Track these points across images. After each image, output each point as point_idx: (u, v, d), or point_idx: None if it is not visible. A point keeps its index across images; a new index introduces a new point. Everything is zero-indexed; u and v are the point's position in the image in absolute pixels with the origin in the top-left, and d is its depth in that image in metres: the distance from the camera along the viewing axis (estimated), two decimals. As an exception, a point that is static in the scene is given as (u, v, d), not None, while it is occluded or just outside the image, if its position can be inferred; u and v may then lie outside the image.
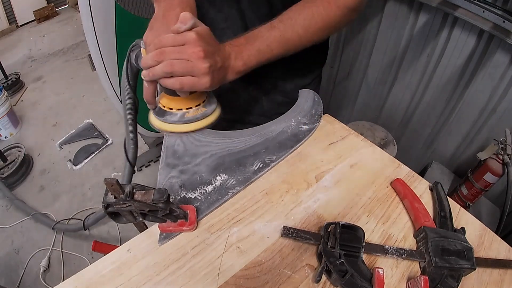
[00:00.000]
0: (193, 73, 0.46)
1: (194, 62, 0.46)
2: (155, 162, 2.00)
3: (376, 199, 0.58)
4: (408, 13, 1.45)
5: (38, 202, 1.82)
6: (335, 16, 0.57)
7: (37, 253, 1.59)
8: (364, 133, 1.61)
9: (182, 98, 0.53)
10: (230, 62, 0.52)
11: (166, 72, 0.46)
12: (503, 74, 1.25)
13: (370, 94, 1.87)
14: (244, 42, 0.54)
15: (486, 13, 1.16)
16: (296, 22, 0.56)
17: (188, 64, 0.45)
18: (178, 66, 0.45)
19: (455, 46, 1.35)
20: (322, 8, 0.56)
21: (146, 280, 0.46)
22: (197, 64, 0.46)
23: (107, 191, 0.41)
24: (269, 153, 0.63)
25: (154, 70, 0.46)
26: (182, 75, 0.46)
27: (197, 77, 0.47)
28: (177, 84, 0.47)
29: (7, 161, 1.93)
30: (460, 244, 0.49)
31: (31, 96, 2.60)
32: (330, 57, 1.96)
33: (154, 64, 0.46)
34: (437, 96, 1.53)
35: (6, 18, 3.30)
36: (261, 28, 0.56)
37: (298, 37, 0.57)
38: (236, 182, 0.58)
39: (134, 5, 1.29)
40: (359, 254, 0.47)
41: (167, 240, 0.50)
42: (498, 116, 1.33)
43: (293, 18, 0.56)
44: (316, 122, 0.70)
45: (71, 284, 0.46)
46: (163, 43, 0.46)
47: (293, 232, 0.51)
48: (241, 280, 0.47)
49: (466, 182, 1.38)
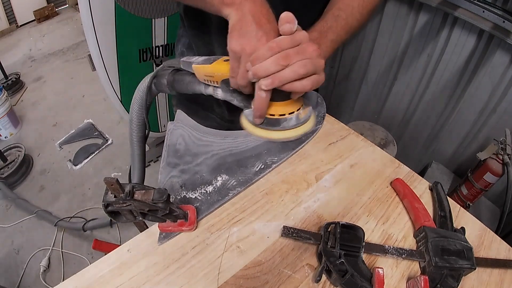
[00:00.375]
0: (317, 71, 0.46)
1: (316, 60, 0.45)
2: (155, 162, 2.00)
3: (376, 199, 0.58)
4: (408, 13, 1.45)
5: (38, 202, 1.82)
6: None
7: (37, 253, 1.59)
8: (364, 133, 1.61)
9: (290, 101, 0.50)
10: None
11: (300, 74, 0.44)
12: (503, 74, 1.25)
13: (370, 94, 1.87)
14: (318, 36, 0.56)
15: (486, 13, 1.16)
16: (353, 8, 0.59)
17: (313, 62, 0.45)
18: (309, 66, 0.44)
19: (455, 46, 1.35)
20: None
21: (146, 280, 0.46)
22: (319, 62, 0.45)
23: (107, 190, 0.41)
24: (271, 154, 0.63)
25: (281, 75, 0.43)
26: (311, 74, 0.45)
27: (319, 74, 0.46)
28: (310, 84, 0.45)
29: (7, 161, 1.93)
30: (460, 244, 0.49)
31: (31, 96, 2.60)
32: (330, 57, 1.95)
33: (279, 69, 0.43)
34: (437, 96, 1.53)
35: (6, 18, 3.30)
36: (327, 19, 0.58)
37: (357, 22, 0.60)
38: (237, 183, 0.58)
39: (134, 5, 1.29)
40: (359, 254, 0.47)
41: (167, 239, 0.50)
42: (498, 116, 1.33)
43: (349, 5, 0.59)
44: (319, 124, 0.70)
45: (71, 284, 0.46)
46: (283, 46, 0.43)
47: (293, 232, 0.51)
48: (241, 280, 0.47)
49: (466, 182, 1.38)
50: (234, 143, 0.64)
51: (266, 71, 0.43)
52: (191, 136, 0.64)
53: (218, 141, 0.64)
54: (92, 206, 1.80)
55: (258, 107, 0.48)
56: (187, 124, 0.65)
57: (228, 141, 0.64)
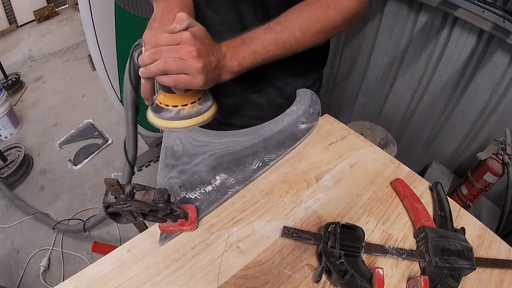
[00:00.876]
0: (186, 71, 0.48)
1: (188, 61, 0.47)
2: (155, 162, 2.00)
3: (376, 199, 0.58)
4: (408, 13, 1.45)
5: (38, 202, 1.82)
6: (335, 20, 0.57)
7: (37, 253, 1.59)
8: (364, 133, 1.61)
9: (178, 95, 0.54)
10: (225, 62, 0.53)
11: (161, 70, 0.47)
12: (503, 74, 1.25)
13: (370, 94, 1.86)
14: (240, 43, 0.55)
15: (486, 13, 1.16)
16: (293, 24, 0.55)
17: (182, 62, 0.47)
18: (172, 64, 0.47)
19: (455, 46, 1.35)
20: (321, 11, 0.56)
21: (146, 280, 0.46)
22: (191, 63, 0.47)
23: (107, 191, 0.41)
24: (268, 152, 0.63)
25: (150, 67, 0.48)
26: (176, 73, 0.48)
27: (191, 75, 0.48)
28: (171, 81, 0.49)
29: (7, 161, 1.93)
30: (460, 244, 0.49)
31: (31, 96, 2.60)
32: (330, 57, 1.95)
33: (150, 62, 0.48)
34: (437, 96, 1.53)
35: (6, 18, 3.30)
36: (258, 29, 0.56)
37: (295, 40, 0.56)
38: (236, 182, 0.58)
39: (134, 5, 1.29)
40: (359, 254, 0.47)
41: (168, 240, 0.50)
42: (498, 116, 1.33)
43: (290, 20, 0.56)
44: (314, 121, 0.70)
45: (71, 284, 0.46)
46: (159, 42, 0.48)
47: (293, 232, 0.51)
48: (241, 280, 0.47)
49: (466, 182, 1.38)
50: (230, 142, 0.64)
51: (142, 62, 0.49)
52: (188, 137, 0.64)
53: (215, 141, 0.64)
54: (92, 206, 1.80)
55: (142, 90, 0.55)
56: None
57: (225, 140, 0.64)
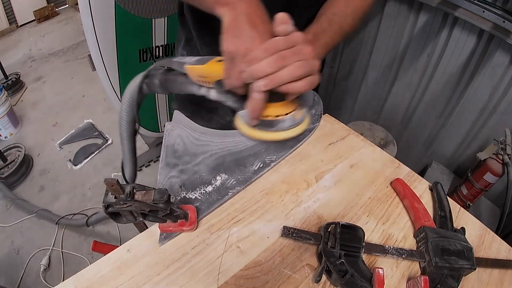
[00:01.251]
0: (312, 72, 0.45)
1: (312, 61, 0.45)
2: (155, 162, 2.00)
3: (376, 199, 0.58)
4: (408, 13, 1.45)
5: (38, 202, 1.81)
6: (368, 6, 0.66)
7: (37, 253, 1.59)
8: (364, 133, 1.61)
9: (285, 102, 0.49)
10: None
11: (296, 76, 0.43)
12: (503, 74, 1.25)
13: (370, 94, 1.87)
14: (313, 38, 0.57)
15: (486, 13, 1.16)
16: (347, 14, 0.62)
17: (308, 63, 0.44)
18: (306, 67, 0.44)
19: (455, 46, 1.35)
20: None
21: (146, 280, 0.46)
22: (314, 63, 0.45)
23: (107, 191, 0.41)
24: (269, 153, 0.63)
25: (278, 76, 0.43)
26: (307, 75, 0.45)
27: (315, 75, 0.46)
28: (306, 86, 0.45)
29: (7, 161, 1.93)
30: (460, 244, 0.49)
31: (31, 96, 2.60)
32: (330, 57, 1.96)
33: (276, 70, 0.43)
34: (437, 96, 1.53)
35: (6, 18, 3.30)
36: (321, 22, 0.60)
37: (350, 27, 0.62)
38: (236, 182, 0.58)
39: (134, 5, 1.28)
40: (359, 254, 0.47)
41: (167, 240, 0.50)
42: (498, 116, 1.33)
43: (343, 10, 0.62)
44: (316, 122, 0.70)
45: (71, 283, 0.46)
46: (278, 47, 0.43)
47: (293, 232, 0.51)
48: (241, 280, 0.47)
49: (466, 182, 1.38)
50: (232, 142, 0.64)
51: (263, 72, 0.42)
52: (189, 136, 0.64)
53: (216, 141, 0.64)
54: (92, 206, 1.80)
55: (254, 108, 0.47)
56: (185, 124, 0.65)
57: (226, 140, 0.64)
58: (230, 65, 0.46)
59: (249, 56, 0.43)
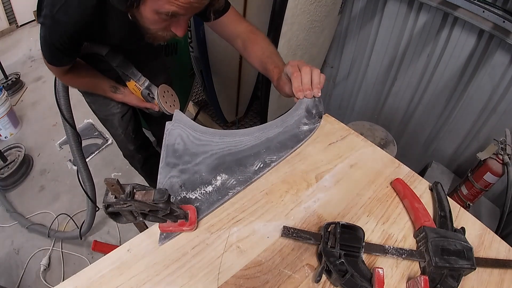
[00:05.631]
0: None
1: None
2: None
3: (376, 199, 0.58)
4: (408, 13, 1.45)
5: (38, 202, 1.81)
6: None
7: (37, 253, 1.59)
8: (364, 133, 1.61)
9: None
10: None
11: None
12: (503, 74, 1.25)
13: (370, 94, 1.87)
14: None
15: (486, 13, 1.16)
16: (270, 49, 0.83)
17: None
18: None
19: (455, 46, 1.35)
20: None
21: (146, 280, 0.46)
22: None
23: (107, 191, 0.41)
24: (270, 153, 0.63)
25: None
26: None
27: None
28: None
29: (7, 161, 1.92)
30: (460, 244, 0.49)
31: (31, 96, 2.59)
32: (330, 57, 1.96)
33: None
34: (437, 96, 1.53)
35: (6, 18, 3.29)
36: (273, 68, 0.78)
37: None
38: (237, 182, 0.58)
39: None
40: (359, 254, 0.47)
41: (167, 240, 0.50)
42: (498, 116, 1.33)
43: (268, 48, 0.83)
44: (317, 123, 0.70)
45: (71, 283, 0.46)
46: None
47: (293, 232, 0.51)
48: (241, 280, 0.47)
49: (466, 182, 1.38)
50: (232, 142, 0.64)
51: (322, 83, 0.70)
52: (189, 135, 0.64)
53: (217, 141, 0.64)
54: (92, 206, 1.79)
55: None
56: (185, 124, 0.65)
57: (227, 140, 0.64)
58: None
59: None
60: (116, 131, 1.18)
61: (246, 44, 0.84)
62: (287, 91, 0.71)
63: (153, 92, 0.95)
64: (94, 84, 0.96)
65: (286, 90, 0.72)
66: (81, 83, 0.96)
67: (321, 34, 1.65)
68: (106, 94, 0.99)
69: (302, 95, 0.68)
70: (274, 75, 0.76)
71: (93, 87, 0.98)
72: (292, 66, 0.69)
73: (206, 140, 0.63)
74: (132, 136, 1.21)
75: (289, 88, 0.70)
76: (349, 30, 1.77)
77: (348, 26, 1.76)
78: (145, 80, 0.94)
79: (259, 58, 0.82)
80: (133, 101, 0.99)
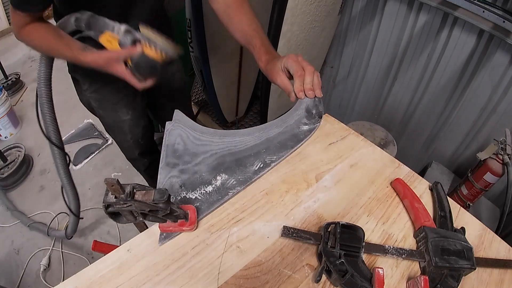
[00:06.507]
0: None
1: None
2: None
3: (376, 199, 0.58)
4: (408, 13, 1.45)
5: (38, 202, 1.81)
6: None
7: (37, 253, 1.59)
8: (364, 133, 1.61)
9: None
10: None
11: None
12: (503, 74, 1.25)
13: (370, 94, 1.87)
14: (271, 57, 0.75)
15: (486, 13, 1.16)
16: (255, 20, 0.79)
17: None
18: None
19: (455, 46, 1.35)
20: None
21: (146, 280, 0.46)
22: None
23: (107, 191, 0.41)
24: (270, 153, 0.63)
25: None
26: None
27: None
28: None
29: (7, 161, 1.92)
30: (460, 244, 0.49)
31: (31, 96, 2.59)
32: (330, 57, 1.96)
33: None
34: (437, 96, 1.53)
35: (6, 18, 3.30)
36: (257, 43, 0.76)
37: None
38: (237, 182, 0.58)
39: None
40: (359, 254, 0.47)
41: (167, 240, 0.50)
42: (498, 116, 1.33)
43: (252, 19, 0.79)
44: (317, 123, 0.70)
45: (71, 283, 0.46)
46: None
47: (293, 232, 0.51)
48: (241, 280, 0.47)
49: (466, 182, 1.38)
50: (232, 142, 0.64)
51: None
52: (189, 135, 0.64)
53: (217, 141, 0.64)
54: (92, 206, 1.79)
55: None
56: (185, 124, 0.65)
57: (227, 140, 0.64)
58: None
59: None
60: (125, 137, 1.14)
61: (230, 11, 0.79)
62: (279, 82, 0.70)
63: (135, 35, 0.72)
64: (57, 43, 0.79)
65: (278, 81, 0.70)
66: (44, 39, 0.80)
67: (321, 34, 1.65)
68: (72, 55, 0.80)
69: (303, 95, 0.68)
70: (260, 55, 0.74)
71: (56, 48, 0.81)
72: (294, 62, 0.67)
73: (206, 140, 0.64)
74: (141, 142, 1.18)
75: (281, 80, 0.69)
76: (349, 30, 1.77)
77: (348, 26, 1.76)
78: (121, 25, 0.73)
79: (244, 31, 0.78)
80: (107, 58, 0.74)
